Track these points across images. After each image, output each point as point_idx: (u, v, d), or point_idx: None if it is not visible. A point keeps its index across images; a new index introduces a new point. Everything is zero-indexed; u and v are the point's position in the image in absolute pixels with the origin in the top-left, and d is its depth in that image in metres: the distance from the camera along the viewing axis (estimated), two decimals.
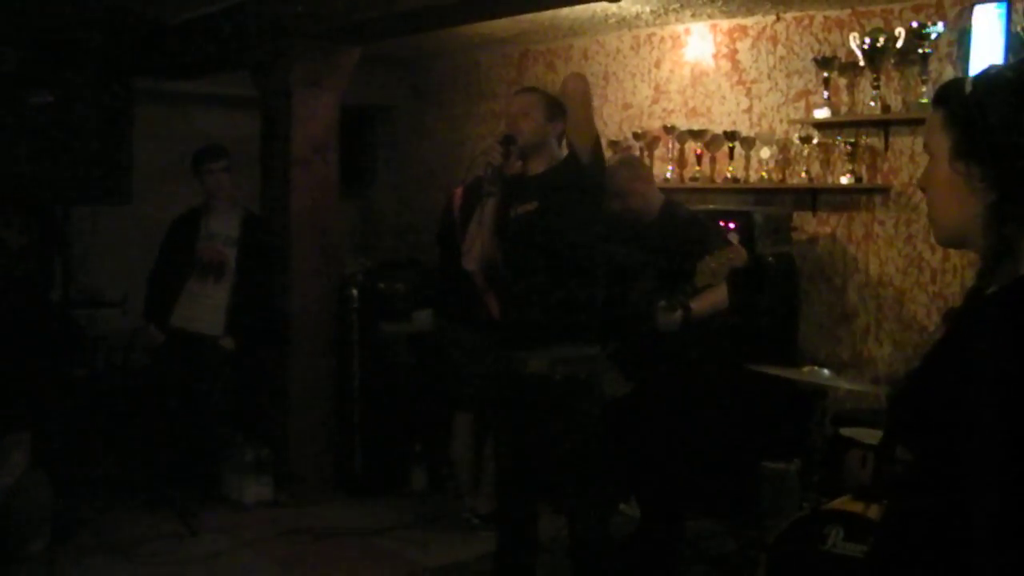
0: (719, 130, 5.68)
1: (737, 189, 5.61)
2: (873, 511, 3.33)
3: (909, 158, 4.97)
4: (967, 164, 1.46)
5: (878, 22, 5.04)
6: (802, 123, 5.33)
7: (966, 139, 1.47)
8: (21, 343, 5.08)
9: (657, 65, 6.11)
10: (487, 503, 4.96)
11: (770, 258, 5.10)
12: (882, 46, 4.91)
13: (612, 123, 6.29)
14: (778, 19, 5.48)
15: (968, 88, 1.49)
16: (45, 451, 4.86)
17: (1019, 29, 4.48)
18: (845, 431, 4.13)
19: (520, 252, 3.73)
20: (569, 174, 3.66)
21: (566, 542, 3.84)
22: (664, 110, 6.05)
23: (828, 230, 5.27)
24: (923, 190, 1.61)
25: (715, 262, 3.89)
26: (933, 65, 4.81)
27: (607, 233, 3.97)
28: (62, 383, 5.20)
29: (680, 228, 4.27)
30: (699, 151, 5.78)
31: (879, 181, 5.08)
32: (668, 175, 5.87)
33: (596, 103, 6.39)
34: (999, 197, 1.44)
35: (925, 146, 1.58)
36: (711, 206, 5.45)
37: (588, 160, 3.63)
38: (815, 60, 5.23)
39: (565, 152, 3.75)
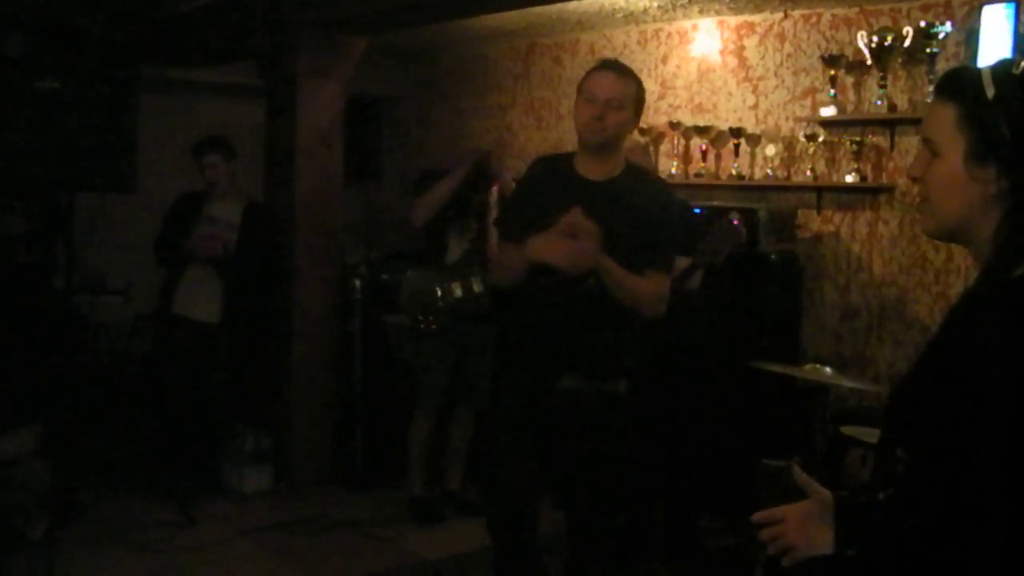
0: (725, 127, 5.67)
1: (742, 186, 5.60)
2: None
3: (914, 157, 4.95)
4: (984, 167, 1.44)
5: (886, 21, 5.02)
6: (808, 121, 5.31)
7: (987, 142, 1.43)
8: (23, 329, 5.08)
9: (664, 61, 6.10)
10: (456, 482, 5.43)
11: (773, 255, 5.09)
12: (889, 45, 4.90)
13: None
14: (786, 16, 5.47)
15: (990, 91, 1.43)
16: (47, 437, 4.87)
17: None
18: (846, 429, 4.12)
19: (566, 282, 3.18)
20: (640, 185, 3.28)
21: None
22: (670, 106, 6.04)
23: (832, 228, 5.27)
24: (915, 180, 1.57)
25: (715, 242, 3.84)
26: (940, 65, 4.79)
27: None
28: (64, 370, 5.21)
29: None
30: (704, 147, 5.77)
31: (884, 180, 5.07)
32: (673, 171, 5.86)
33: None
34: (1018, 203, 1.41)
35: (926, 140, 1.53)
36: (715, 202, 5.45)
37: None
38: (822, 58, 5.22)
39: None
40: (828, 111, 5.16)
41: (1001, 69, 1.46)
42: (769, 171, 5.47)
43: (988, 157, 1.42)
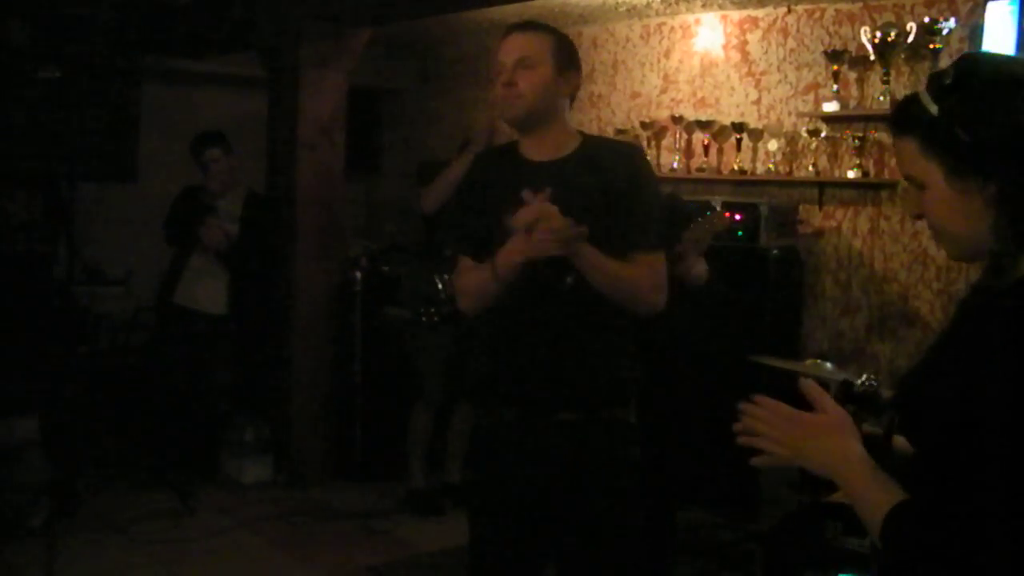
0: (727, 121, 5.66)
1: (743, 181, 5.60)
2: None
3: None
4: (966, 179, 1.44)
5: (889, 16, 5.01)
6: (810, 116, 5.31)
7: (955, 156, 1.44)
8: (23, 319, 5.09)
9: (666, 55, 6.08)
10: (455, 474, 5.40)
11: (775, 251, 5.09)
12: (893, 40, 4.89)
13: (620, 112, 6.27)
14: (789, 11, 5.46)
15: (933, 108, 1.45)
16: (46, 427, 4.88)
17: None
18: None
19: (538, 285, 2.55)
20: (601, 157, 2.63)
21: None
22: (672, 100, 6.03)
23: (834, 224, 5.26)
24: (918, 218, 1.58)
25: (699, 231, 3.72)
26: (944, 61, 4.78)
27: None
28: (64, 360, 5.21)
29: None
30: (706, 142, 5.76)
31: (886, 176, 5.06)
32: (675, 165, 5.86)
33: (604, 90, 6.39)
34: (1008, 200, 1.41)
35: (908, 177, 1.54)
36: (717, 197, 5.44)
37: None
38: (825, 53, 5.21)
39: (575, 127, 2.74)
40: (831, 106, 5.15)
41: (935, 85, 1.48)
42: (771, 166, 5.46)
43: (964, 169, 1.44)
